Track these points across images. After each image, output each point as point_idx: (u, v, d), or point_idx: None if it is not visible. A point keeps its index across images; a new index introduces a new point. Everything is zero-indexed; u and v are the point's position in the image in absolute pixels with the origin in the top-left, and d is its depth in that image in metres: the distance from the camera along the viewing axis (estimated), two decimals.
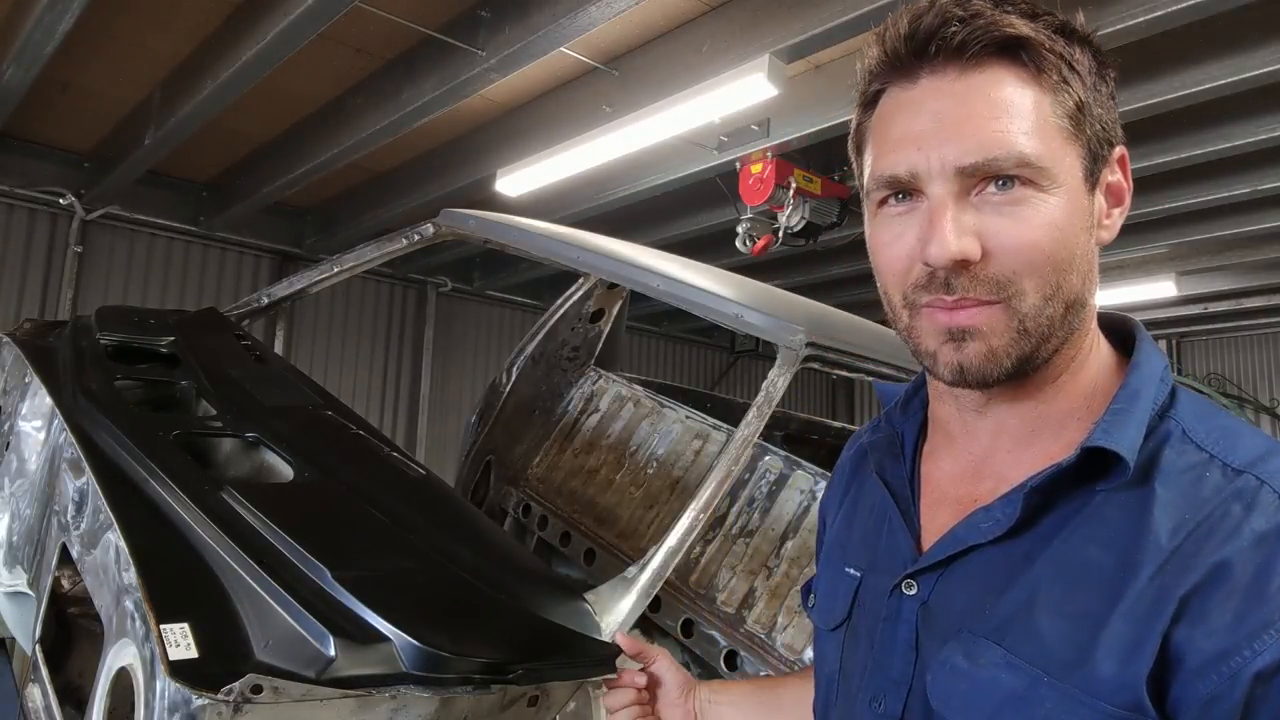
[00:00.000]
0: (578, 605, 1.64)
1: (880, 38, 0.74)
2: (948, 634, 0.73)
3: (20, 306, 6.32)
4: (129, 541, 1.48)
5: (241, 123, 5.50)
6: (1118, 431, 0.69)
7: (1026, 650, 0.68)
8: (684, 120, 4.43)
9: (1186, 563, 0.64)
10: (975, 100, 0.69)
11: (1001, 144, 0.68)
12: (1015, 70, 0.70)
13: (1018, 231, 0.69)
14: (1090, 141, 0.72)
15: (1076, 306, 0.72)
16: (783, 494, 2.39)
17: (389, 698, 1.30)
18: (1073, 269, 0.71)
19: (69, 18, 3.85)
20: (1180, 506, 0.67)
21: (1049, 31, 0.70)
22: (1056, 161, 0.69)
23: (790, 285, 7.04)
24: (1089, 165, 0.72)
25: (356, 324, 8.11)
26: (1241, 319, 9.34)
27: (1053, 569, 0.69)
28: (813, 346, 1.90)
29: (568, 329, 3.23)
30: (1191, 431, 0.71)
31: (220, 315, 2.84)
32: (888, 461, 0.87)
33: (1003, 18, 0.69)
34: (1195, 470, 0.68)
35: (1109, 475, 0.69)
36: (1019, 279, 0.69)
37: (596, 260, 2.30)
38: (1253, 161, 5.29)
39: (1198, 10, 3.38)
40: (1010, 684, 0.68)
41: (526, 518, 3.04)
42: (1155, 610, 0.64)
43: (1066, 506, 0.71)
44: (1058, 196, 0.69)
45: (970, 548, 0.74)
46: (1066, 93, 0.70)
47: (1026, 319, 0.70)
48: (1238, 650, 0.61)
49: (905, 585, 0.78)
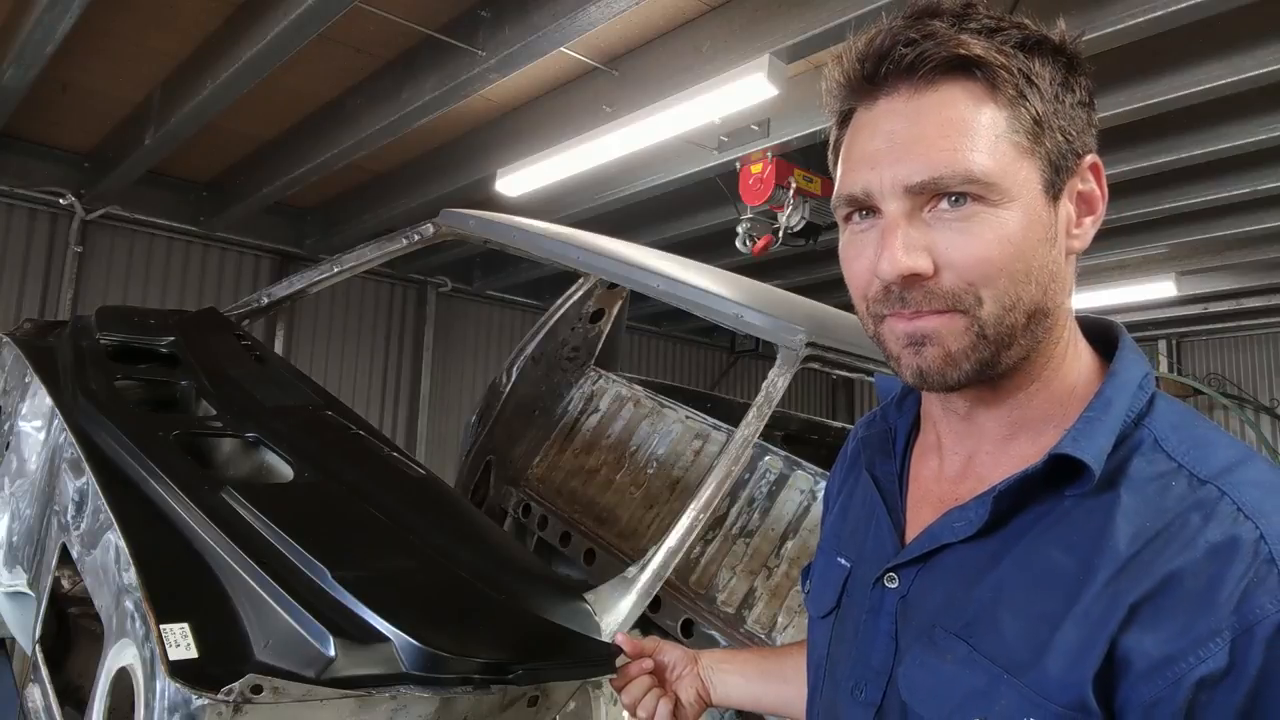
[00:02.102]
0: (578, 605, 1.64)
1: (838, 60, 0.76)
2: (922, 628, 0.76)
3: (20, 306, 6.32)
4: (129, 541, 1.48)
5: (241, 123, 5.50)
6: (1086, 439, 0.70)
7: (989, 648, 0.70)
8: (684, 120, 4.43)
9: (1142, 570, 0.65)
10: (926, 120, 0.71)
11: (948, 163, 0.70)
12: (969, 87, 0.71)
13: (969, 247, 0.70)
14: (1050, 154, 0.72)
15: (1039, 316, 0.73)
16: (783, 494, 2.40)
17: (389, 698, 1.30)
18: (1031, 280, 0.72)
19: (69, 18, 3.85)
20: (1142, 514, 0.68)
21: (1008, 46, 0.71)
22: (1008, 176, 0.70)
23: (790, 285, 7.04)
24: (1050, 177, 0.72)
25: (356, 324, 8.11)
26: (1241, 319, 9.33)
27: (1017, 570, 0.71)
28: (813, 346, 1.91)
29: (568, 329, 3.23)
30: (1164, 440, 0.71)
31: (220, 315, 2.84)
32: (879, 458, 0.90)
33: (954, 37, 0.70)
34: (1162, 479, 0.69)
35: (1076, 481, 0.71)
36: (974, 290, 0.71)
37: (596, 260, 2.30)
38: (1253, 161, 5.28)
39: (1198, 10, 3.38)
40: (971, 681, 0.70)
41: (526, 518, 3.04)
42: (1106, 615, 0.65)
43: (1035, 509, 0.73)
44: (1011, 210, 0.70)
45: (944, 545, 0.77)
46: (1023, 107, 0.71)
47: (986, 326, 0.72)
48: (1183, 656, 0.62)
49: (888, 579, 0.81)
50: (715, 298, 2.06)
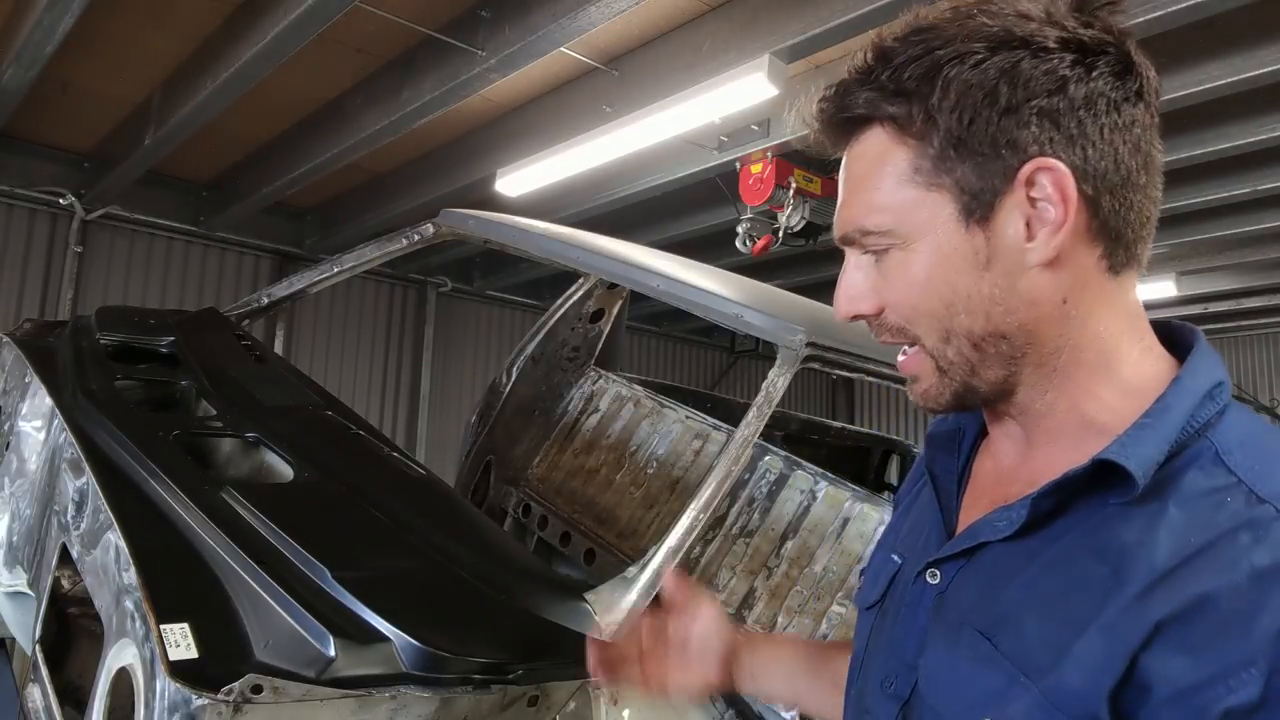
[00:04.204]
0: (578, 605, 1.64)
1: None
2: (950, 624, 0.75)
3: (20, 306, 6.32)
4: (129, 541, 1.48)
5: (241, 123, 5.50)
6: (1134, 447, 0.68)
7: (1011, 649, 0.69)
8: (684, 120, 4.43)
9: (1175, 587, 0.63)
10: (846, 175, 0.78)
11: (849, 221, 0.76)
12: (879, 134, 0.74)
13: (889, 288, 0.76)
14: (961, 181, 0.70)
15: (990, 340, 0.73)
16: (783, 494, 2.40)
17: (389, 698, 1.30)
18: (958, 310, 0.72)
19: (69, 18, 3.85)
20: (1188, 529, 0.65)
21: (912, 81, 0.70)
22: (906, 220, 0.73)
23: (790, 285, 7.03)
24: (967, 203, 0.71)
25: (356, 324, 8.11)
26: (1241, 319, 9.34)
27: (1048, 573, 0.70)
28: (813, 346, 1.90)
29: (568, 329, 3.23)
30: (1227, 454, 0.68)
31: (220, 315, 2.84)
32: (940, 455, 0.90)
33: (848, 96, 0.74)
34: (1218, 495, 0.66)
35: (1121, 489, 0.68)
36: (912, 326, 0.76)
37: (596, 260, 2.30)
38: (1253, 161, 5.29)
39: (1198, 10, 3.38)
40: (989, 680, 0.69)
41: (526, 518, 3.04)
42: (1130, 630, 0.63)
43: (1076, 514, 0.71)
44: (916, 251, 0.73)
45: (983, 543, 0.76)
46: (925, 142, 0.72)
47: (939, 359, 0.75)
48: (1211, 685, 0.59)
49: (929, 574, 0.80)
50: (715, 298, 2.06)
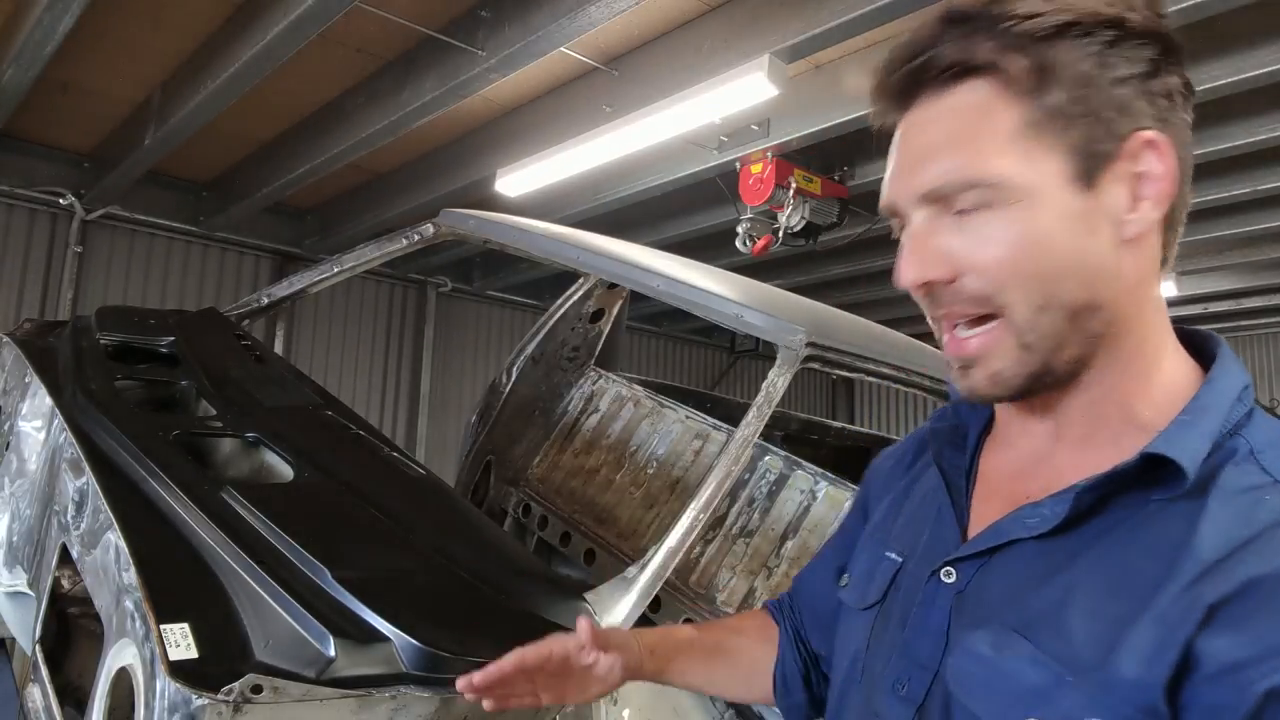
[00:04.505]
0: (578, 605, 1.64)
1: (874, 78, 0.77)
2: (978, 623, 0.74)
3: (20, 306, 6.32)
4: (129, 541, 1.48)
5: (242, 123, 5.50)
6: (1181, 442, 0.68)
7: (1053, 648, 0.68)
8: (684, 120, 4.43)
9: (1223, 574, 0.63)
10: (937, 127, 0.72)
11: (952, 170, 0.70)
12: (981, 88, 0.70)
13: (985, 250, 0.70)
14: (1079, 141, 0.70)
15: (1088, 312, 0.71)
16: (783, 494, 2.39)
17: (389, 698, 1.30)
18: (1065, 276, 0.69)
19: (69, 18, 3.85)
20: (1232, 524, 0.65)
21: (1026, 38, 0.69)
22: (1020, 174, 0.69)
23: (790, 285, 7.04)
24: (1081, 165, 0.70)
25: (356, 324, 8.11)
26: (1241, 319, 9.34)
27: (1093, 572, 0.69)
28: (813, 346, 1.90)
29: (568, 329, 3.23)
30: (1260, 453, 0.69)
31: (220, 315, 2.84)
32: (947, 451, 0.87)
33: (962, 42, 0.70)
34: (1256, 492, 0.67)
35: (1165, 485, 0.68)
36: (1000, 294, 0.70)
37: (596, 260, 2.30)
38: (1253, 161, 5.29)
39: (1198, 10, 3.38)
40: (1032, 679, 0.68)
41: (526, 518, 3.04)
42: (1184, 617, 0.63)
43: (1117, 512, 0.70)
44: (1028, 208, 0.69)
45: (1011, 541, 0.74)
46: (1037, 100, 0.69)
47: (1023, 334, 0.70)
48: (1254, 664, 0.60)
49: (944, 573, 0.78)
50: (715, 298, 2.06)
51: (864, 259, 7.43)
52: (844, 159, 5.53)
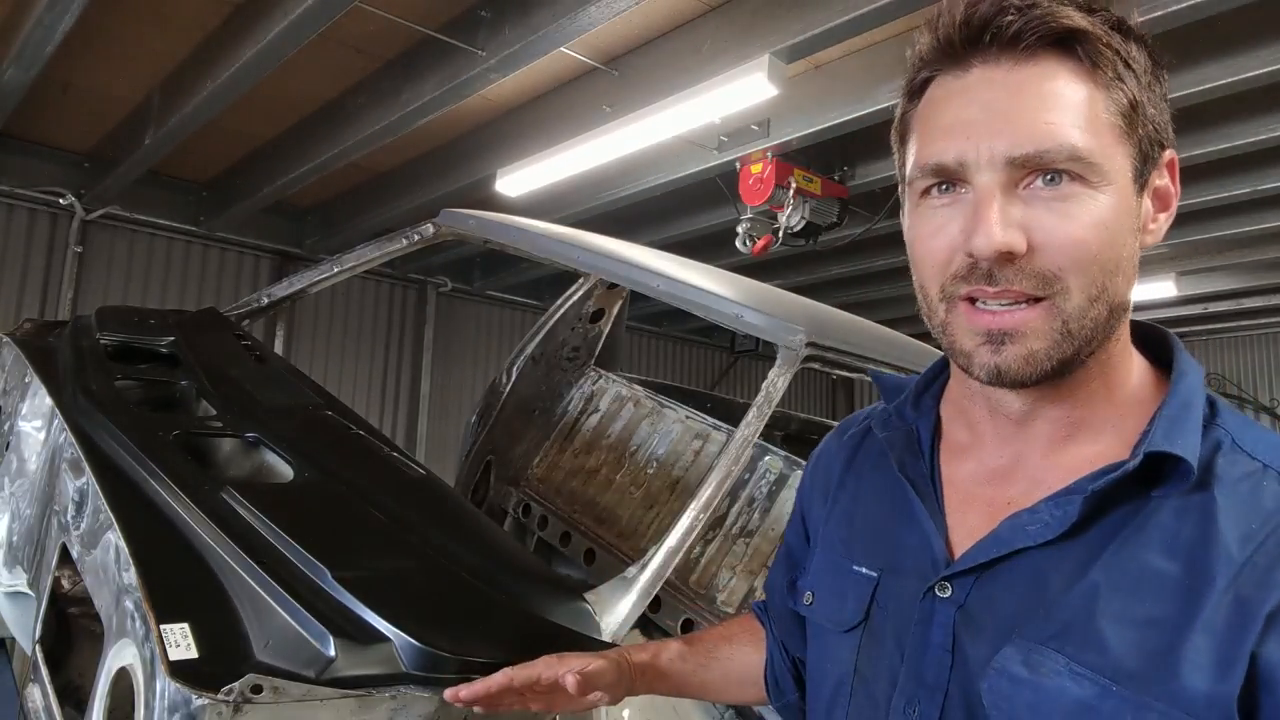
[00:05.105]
0: (578, 605, 1.64)
1: (932, 25, 0.72)
2: (997, 639, 0.71)
3: (20, 306, 6.31)
4: (129, 541, 1.48)
5: (241, 123, 5.50)
6: (1178, 438, 0.68)
7: (1090, 659, 0.66)
8: (684, 120, 4.43)
9: (1263, 577, 0.63)
10: (1028, 92, 0.68)
11: (1053, 137, 0.67)
12: (1069, 64, 0.68)
13: (1066, 228, 0.68)
14: (1142, 142, 0.70)
15: (1119, 310, 0.71)
16: (783, 494, 2.39)
17: (389, 698, 1.30)
18: (1119, 270, 0.70)
19: (69, 18, 3.85)
20: (1245, 516, 0.66)
21: (1105, 27, 0.69)
22: (1107, 158, 0.68)
23: (790, 285, 7.03)
24: (1139, 166, 0.70)
25: (356, 324, 8.11)
26: (1241, 319, 9.34)
27: (1111, 576, 0.68)
28: (813, 346, 1.90)
29: (568, 329, 3.23)
30: (1241, 440, 0.70)
31: (220, 315, 2.84)
32: (908, 458, 0.85)
33: (1059, 10, 0.68)
34: (1251, 479, 0.67)
35: (1166, 482, 0.68)
36: (1065, 276, 0.68)
37: (596, 260, 2.30)
38: (1253, 161, 5.28)
39: (1198, 10, 3.38)
40: (1077, 693, 0.66)
41: (526, 518, 3.04)
42: (1241, 625, 0.62)
43: (1119, 512, 0.70)
44: (1107, 195, 0.68)
45: (1016, 551, 0.72)
46: (1120, 90, 0.69)
47: (1070, 320, 0.69)
48: None
49: (939, 588, 0.76)
50: (715, 298, 2.05)
51: (864, 259, 7.43)
52: (844, 159, 5.53)
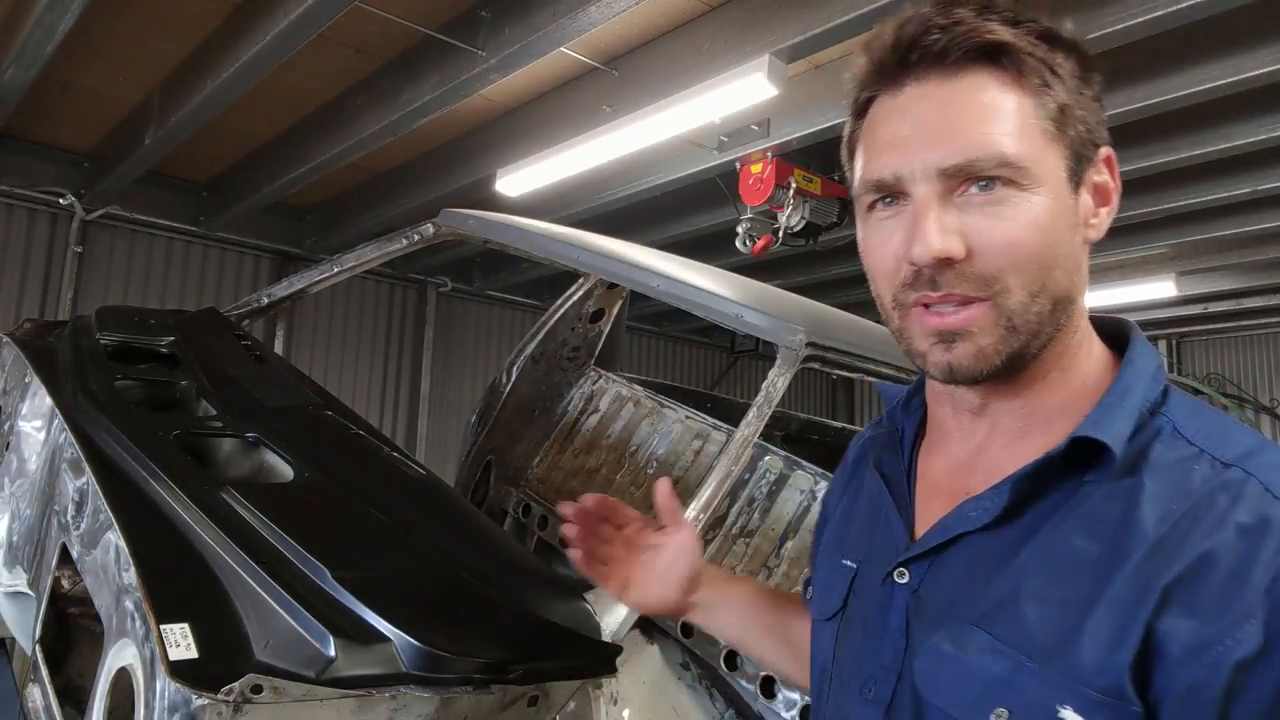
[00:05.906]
0: (578, 605, 1.64)
1: (867, 47, 0.77)
2: (937, 621, 0.75)
3: (20, 306, 6.32)
4: (129, 541, 1.48)
5: (241, 123, 5.50)
6: (1105, 423, 0.71)
7: (1011, 636, 0.70)
8: (684, 120, 4.43)
9: (1171, 552, 0.65)
10: (957, 104, 0.72)
11: (982, 146, 0.71)
12: (997, 75, 0.72)
13: (1001, 230, 0.71)
14: (1073, 143, 0.74)
15: (1064, 303, 0.74)
16: (783, 494, 2.39)
17: (389, 698, 1.30)
18: (1058, 266, 0.73)
19: (69, 18, 3.85)
20: (1167, 498, 0.68)
21: (1030, 37, 0.73)
22: (1037, 162, 0.71)
23: (790, 285, 7.03)
24: (1072, 166, 0.74)
25: (356, 324, 8.11)
26: (1241, 319, 9.34)
27: (1038, 557, 0.71)
28: (813, 346, 1.90)
29: (568, 329, 3.23)
30: (1182, 428, 0.72)
31: (220, 315, 2.84)
32: (886, 456, 0.90)
33: (983, 24, 0.72)
34: (1184, 464, 0.70)
35: (1097, 467, 0.71)
36: (1004, 276, 0.71)
37: (596, 260, 2.30)
38: (1253, 161, 5.29)
39: (1198, 10, 3.38)
40: (994, 669, 0.69)
41: (526, 518, 3.04)
42: (1139, 599, 0.65)
43: (1053, 496, 0.73)
44: (1040, 195, 0.71)
45: (958, 536, 0.76)
46: (1048, 96, 0.72)
47: (1014, 316, 0.72)
48: (1219, 640, 0.62)
49: (898, 574, 0.80)
50: (715, 298, 2.06)
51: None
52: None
